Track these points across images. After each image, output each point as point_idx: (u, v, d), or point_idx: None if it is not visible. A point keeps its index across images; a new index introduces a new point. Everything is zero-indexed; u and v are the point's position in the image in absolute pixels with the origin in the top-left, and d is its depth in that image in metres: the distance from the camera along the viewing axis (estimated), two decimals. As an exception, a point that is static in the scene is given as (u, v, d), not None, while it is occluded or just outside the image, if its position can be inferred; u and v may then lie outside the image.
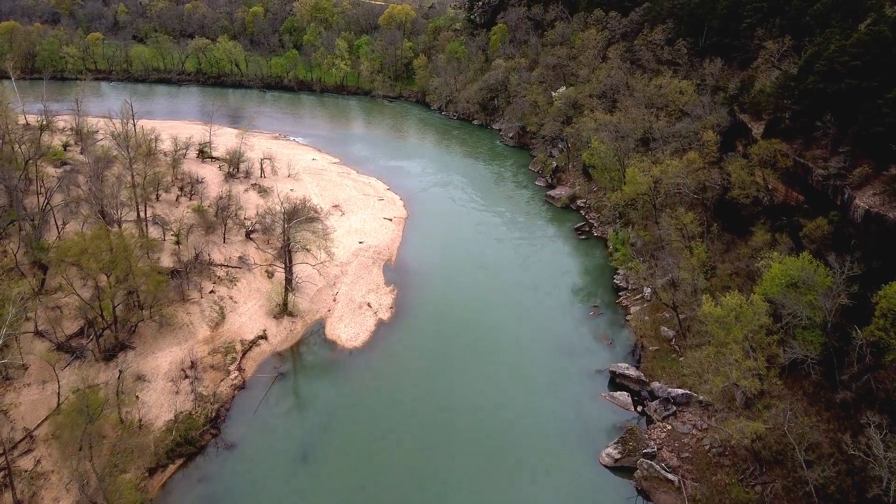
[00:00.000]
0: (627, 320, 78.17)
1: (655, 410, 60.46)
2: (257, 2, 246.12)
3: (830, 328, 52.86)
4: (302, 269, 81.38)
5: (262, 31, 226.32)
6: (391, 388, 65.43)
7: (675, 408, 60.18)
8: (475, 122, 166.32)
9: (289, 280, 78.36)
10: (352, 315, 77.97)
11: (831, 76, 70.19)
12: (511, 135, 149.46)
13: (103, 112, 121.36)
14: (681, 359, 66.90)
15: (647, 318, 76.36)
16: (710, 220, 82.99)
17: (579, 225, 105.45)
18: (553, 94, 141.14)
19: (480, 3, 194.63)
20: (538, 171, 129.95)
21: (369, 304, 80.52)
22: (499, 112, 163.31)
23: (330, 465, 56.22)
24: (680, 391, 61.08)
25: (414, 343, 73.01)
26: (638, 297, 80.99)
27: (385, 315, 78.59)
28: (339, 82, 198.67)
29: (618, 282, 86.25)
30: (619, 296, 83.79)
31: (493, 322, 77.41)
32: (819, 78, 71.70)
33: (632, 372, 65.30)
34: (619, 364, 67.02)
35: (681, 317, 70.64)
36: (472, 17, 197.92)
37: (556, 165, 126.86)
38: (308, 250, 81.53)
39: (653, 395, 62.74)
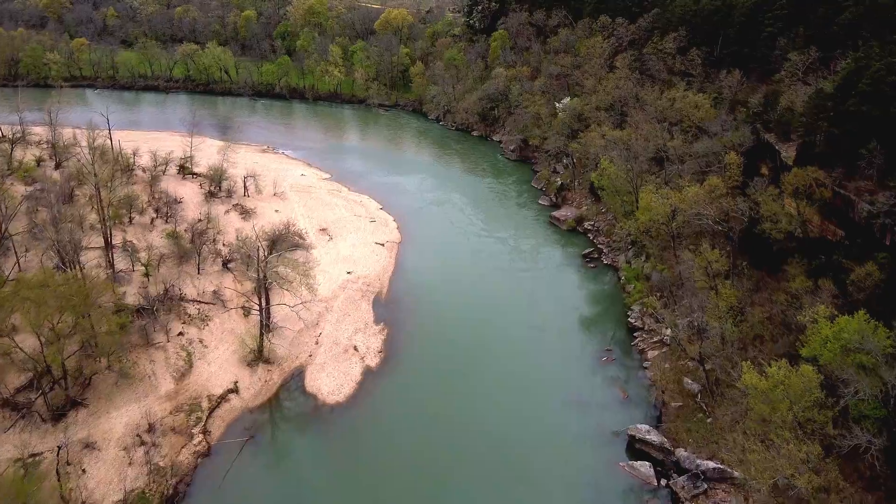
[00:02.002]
0: (645, 367, 69.99)
1: (683, 487, 52.16)
2: (250, 5, 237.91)
3: (893, 404, 44.80)
4: (281, 308, 73.28)
5: (254, 35, 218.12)
6: (376, 456, 56.96)
7: (705, 485, 51.98)
8: (474, 133, 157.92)
9: (266, 325, 70.14)
10: (335, 362, 69.68)
11: (877, 98, 62.06)
12: (512, 147, 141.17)
13: (85, 123, 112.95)
14: (708, 419, 58.79)
15: (667, 365, 68.19)
16: (736, 255, 74.75)
17: (587, 251, 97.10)
18: (557, 105, 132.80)
19: (480, 8, 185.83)
20: (541, 189, 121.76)
21: (356, 348, 72.31)
22: (499, 123, 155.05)
23: (304, 556, 48.27)
24: (711, 465, 52.78)
25: (404, 398, 64.57)
26: (656, 339, 72.84)
27: (373, 361, 70.34)
28: (332, 90, 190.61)
29: (632, 320, 77.95)
30: (635, 337, 75.54)
31: (495, 371, 69.05)
32: (862, 99, 63.59)
33: (654, 437, 56.96)
34: (639, 426, 58.69)
35: (707, 367, 62.43)
36: (471, 22, 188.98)
37: (561, 183, 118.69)
38: (289, 284, 73.03)
39: (679, 467, 54.49)
